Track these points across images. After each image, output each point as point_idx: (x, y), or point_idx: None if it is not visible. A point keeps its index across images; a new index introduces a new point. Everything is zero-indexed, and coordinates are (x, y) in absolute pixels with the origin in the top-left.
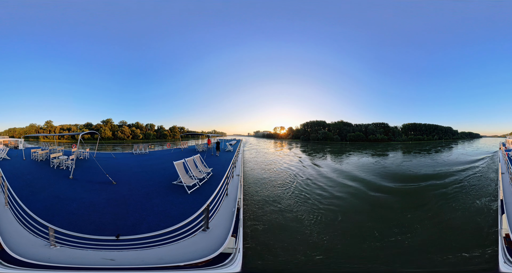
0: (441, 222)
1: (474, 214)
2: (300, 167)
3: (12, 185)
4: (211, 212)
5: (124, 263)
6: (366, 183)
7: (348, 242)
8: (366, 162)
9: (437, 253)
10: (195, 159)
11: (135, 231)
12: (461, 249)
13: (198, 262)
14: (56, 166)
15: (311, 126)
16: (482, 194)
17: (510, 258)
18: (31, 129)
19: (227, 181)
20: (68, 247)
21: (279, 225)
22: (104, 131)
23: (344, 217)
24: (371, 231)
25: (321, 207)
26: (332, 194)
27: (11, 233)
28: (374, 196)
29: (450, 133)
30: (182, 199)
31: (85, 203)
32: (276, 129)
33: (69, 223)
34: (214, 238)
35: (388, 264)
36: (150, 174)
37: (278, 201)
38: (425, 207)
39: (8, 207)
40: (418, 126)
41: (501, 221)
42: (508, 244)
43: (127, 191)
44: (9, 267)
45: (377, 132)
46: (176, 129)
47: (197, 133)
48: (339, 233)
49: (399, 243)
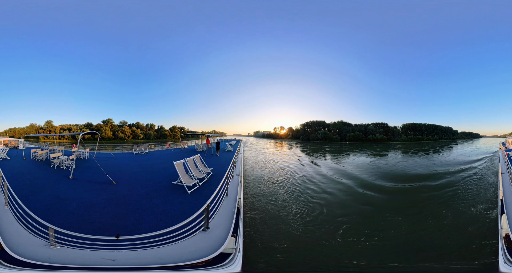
0: (417, 230)
1: (464, 221)
2: (297, 165)
3: (12, 185)
4: (211, 212)
5: (124, 263)
6: (357, 181)
7: (317, 235)
8: (361, 162)
9: (392, 253)
10: (195, 159)
11: (135, 231)
12: (424, 260)
13: (198, 262)
14: (56, 166)
15: (311, 126)
16: (479, 200)
17: (510, 258)
18: (31, 129)
19: (227, 181)
20: (68, 247)
21: (271, 214)
22: (105, 131)
23: (329, 211)
24: (344, 227)
25: (311, 201)
26: (324, 189)
27: (11, 233)
28: (363, 193)
29: (450, 133)
30: (182, 199)
31: (85, 203)
32: (276, 129)
33: (69, 223)
34: (214, 238)
35: (332, 257)
36: (150, 174)
37: (273, 195)
38: (410, 210)
39: (8, 207)
40: (418, 126)
41: (501, 221)
42: (508, 244)
43: (127, 191)
44: (9, 267)
45: (377, 132)
46: (177, 129)
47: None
48: (316, 225)
49: (361, 242)
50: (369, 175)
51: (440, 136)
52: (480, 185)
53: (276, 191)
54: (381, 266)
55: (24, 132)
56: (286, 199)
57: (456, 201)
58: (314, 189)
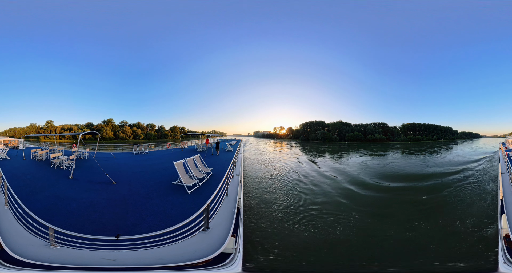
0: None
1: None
2: (294, 162)
3: (12, 185)
4: (211, 212)
5: (124, 263)
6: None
7: (291, 222)
8: (353, 162)
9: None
10: (195, 159)
11: (135, 231)
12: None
13: (198, 262)
14: (56, 166)
15: (311, 126)
16: (473, 212)
17: (510, 258)
18: (32, 129)
19: (227, 181)
20: (68, 247)
21: (263, 199)
22: (106, 131)
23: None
24: (315, 216)
25: (296, 191)
26: (311, 181)
27: (11, 233)
28: (347, 188)
29: (450, 133)
30: (182, 199)
31: (85, 203)
32: (276, 129)
33: (69, 223)
34: (214, 238)
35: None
36: (150, 174)
37: (268, 186)
38: (386, 210)
39: (8, 207)
40: (417, 126)
41: (501, 221)
42: (508, 244)
43: (127, 191)
44: (9, 267)
45: (376, 132)
46: (177, 129)
47: (197, 133)
48: (293, 211)
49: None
50: (356, 173)
51: (440, 136)
52: (474, 191)
53: (270, 183)
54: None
55: (25, 132)
56: (281, 192)
57: (437, 208)
58: (297, 178)
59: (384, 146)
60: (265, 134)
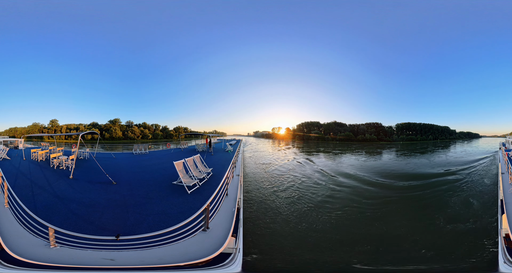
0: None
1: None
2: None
3: (12, 185)
4: (211, 212)
5: (124, 263)
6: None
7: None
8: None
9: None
10: (195, 159)
11: (135, 231)
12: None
13: (198, 262)
14: (56, 166)
15: (307, 127)
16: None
17: (510, 258)
18: (34, 129)
19: (227, 181)
20: (68, 247)
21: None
22: (115, 131)
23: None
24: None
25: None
26: (287, 168)
27: (11, 233)
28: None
29: (447, 133)
30: (182, 199)
31: (85, 203)
32: (274, 130)
33: (69, 223)
34: (214, 238)
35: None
36: (150, 174)
37: (260, 176)
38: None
39: (8, 207)
40: (412, 125)
41: (501, 221)
42: (508, 244)
43: (127, 191)
44: (9, 267)
45: (367, 132)
46: (181, 129)
47: (198, 133)
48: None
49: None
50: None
51: (436, 136)
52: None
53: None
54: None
55: (26, 131)
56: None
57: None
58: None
59: (371, 147)
60: (264, 134)
